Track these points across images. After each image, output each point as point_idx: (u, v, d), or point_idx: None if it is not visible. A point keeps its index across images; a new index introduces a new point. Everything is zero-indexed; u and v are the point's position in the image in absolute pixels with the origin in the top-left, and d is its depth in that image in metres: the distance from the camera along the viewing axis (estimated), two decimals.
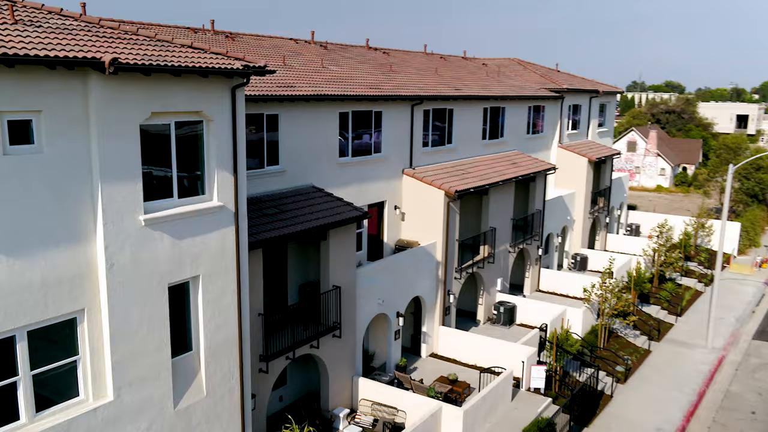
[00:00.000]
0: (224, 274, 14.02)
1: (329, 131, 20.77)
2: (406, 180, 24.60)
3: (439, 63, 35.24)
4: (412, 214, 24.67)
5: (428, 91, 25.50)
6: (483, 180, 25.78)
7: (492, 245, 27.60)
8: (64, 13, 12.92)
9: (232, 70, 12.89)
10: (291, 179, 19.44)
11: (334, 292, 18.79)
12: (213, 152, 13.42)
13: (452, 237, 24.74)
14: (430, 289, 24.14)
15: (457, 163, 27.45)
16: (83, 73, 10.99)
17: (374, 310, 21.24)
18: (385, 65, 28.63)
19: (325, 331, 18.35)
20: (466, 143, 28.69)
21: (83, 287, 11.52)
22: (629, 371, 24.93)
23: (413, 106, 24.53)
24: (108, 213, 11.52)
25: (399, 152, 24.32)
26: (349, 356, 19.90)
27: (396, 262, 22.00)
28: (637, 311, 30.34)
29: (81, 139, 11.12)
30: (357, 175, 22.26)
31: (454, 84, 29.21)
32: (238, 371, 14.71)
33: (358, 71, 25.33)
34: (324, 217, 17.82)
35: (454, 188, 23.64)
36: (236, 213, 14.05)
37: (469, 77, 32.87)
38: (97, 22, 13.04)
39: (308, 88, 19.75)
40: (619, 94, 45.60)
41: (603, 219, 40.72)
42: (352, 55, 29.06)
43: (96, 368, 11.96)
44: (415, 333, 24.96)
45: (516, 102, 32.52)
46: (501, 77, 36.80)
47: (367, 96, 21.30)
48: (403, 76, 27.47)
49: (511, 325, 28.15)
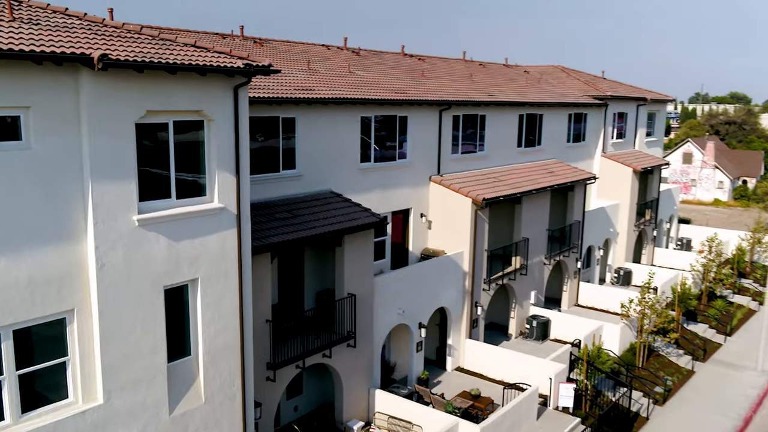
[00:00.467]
0: (225, 277, 13.67)
1: (350, 136, 20.34)
2: (433, 187, 23.93)
3: (476, 70, 34.49)
4: (438, 222, 23.96)
5: (458, 96, 24.82)
6: (514, 188, 24.86)
7: (525, 256, 26.58)
8: (69, 12, 12.90)
9: (232, 69, 12.59)
10: (308, 184, 19.07)
11: (349, 301, 18.26)
12: (214, 153, 13.13)
13: (480, 247, 23.89)
14: (455, 300, 23.33)
15: (489, 171, 26.60)
16: (74, 69, 10.86)
17: (394, 321, 20.60)
18: (417, 71, 28.10)
19: (338, 341, 17.82)
20: (500, 151, 27.82)
21: (73, 287, 11.33)
22: (669, 392, 23.46)
23: (441, 111, 23.89)
24: (99, 212, 11.32)
25: (426, 159, 23.69)
26: (365, 367, 19.30)
27: (418, 271, 21.33)
28: (682, 329, 28.67)
29: (72, 136, 10.97)
30: (380, 182, 21.73)
31: (489, 90, 28.41)
32: (239, 378, 14.32)
33: (387, 76, 24.88)
34: (337, 223, 17.35)
35: (481, 196, 22.83)
36: (238, 215, 13.71)
37: (505, 84, 32.00)
38: (101, 22, 12.99)
39: (327, 91, 19.40)
40: (671, 102, 43.74)
41: (650, 232, 38.93)
42: (384, 61, 28.66)
43: (86, 370, 11.74)
44: (440, 345, 24.16)
45: (555, 109, 31.44)
46: (542, 84, 35.75)
47: (389, 100, 20.80)
48: (435, 81, 26.87)
49: (545, 340, 26.99)
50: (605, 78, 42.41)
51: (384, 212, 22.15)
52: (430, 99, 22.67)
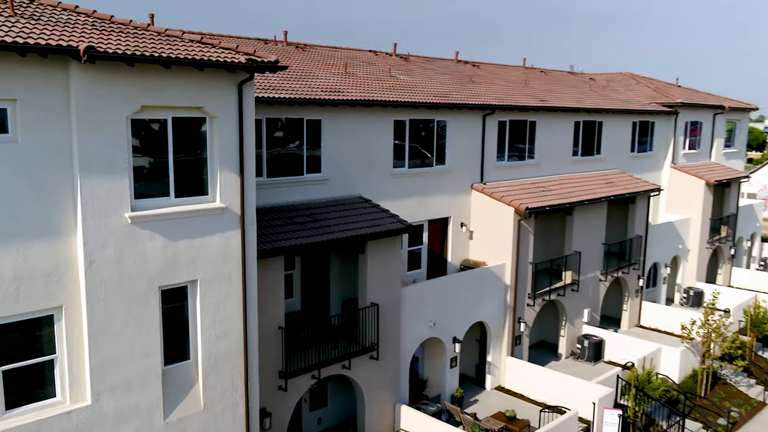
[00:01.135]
0: (227, 280, 13.21)
1: (382, 140, 19.64)
2: (475, 195, 22.83)
3: (534, 76, 33.10)
4: (480, 232, 22.82)
5: (503, 100, 23.67)
6: (563, 198, 23.39)
7: (576, 271, 24.95)
8: (78, 10, 12.90)
9: (232, 64, 12.18)
10: (334, 188, 18.48)
11: (372, 310, 17.47)
12: (217, 151, 12.75)
13: (524, 259, 22.54)
14: (496, 315, 22.07)
15: (539, 180, 25.21)
16: (63, 62, 10.72)
17: (424, 334, 19.61)
18: (465, 76, 27.14)
19: (357, 352, 17.05)
20: (552, 159, 26.36)
21: (62, 284, 11.15)
22: (734, 425, 21.23)
23: (485, 116, 22.82)
24: (88, 207, 11.11)
25: (467, 165, 22.65)
26: (390, 381, 18.40)
27: (452, 282, 20.27)
28: (755, 356, 26.09)
29: (62, 129, 10.82)
30: (415, 188, 20.88)
31: (543, 96, 27.04)
32: (242, 386, 13.79)
33: (430, 81, 24.07)
34: (358, 228, 16.64)
35: (525, 205, 21.55)
36: (242, 216, 13.25)
37: (563, 90, 30.46)
38: (108, 19, 12.91)
39: (357, 94, 18.80)
40: (754, 110, 40.51)
41: (726, 250, 35.99)
42: (434, 67, 27.86)
43: (74, 370, 11.52)
44: (480, 362, 22.91)
45: (617, 116, 29.61)
46: (606, 91, 33.88)
47: (424, 103, 19.98)
48: (483, 87, 25.81)
49: (597, 361, 25.17)
50: (679, 85, 39.82)
51: (419, 220, 21.27)
52: (471, 103, 21.66)
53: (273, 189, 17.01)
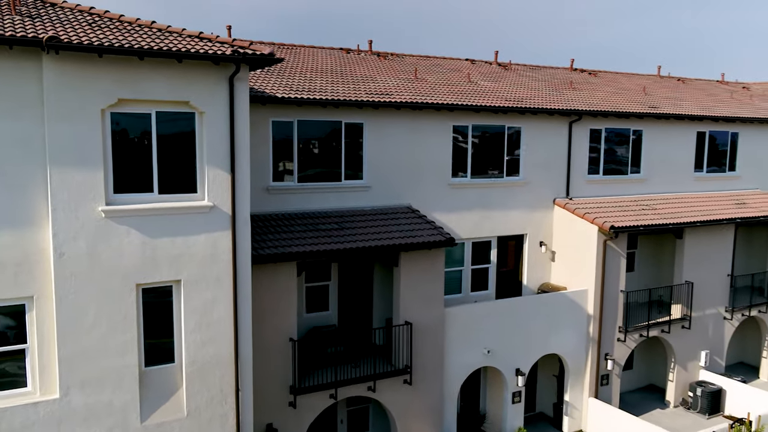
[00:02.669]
0: (216, 283, 12.63)
1: (438, 147, 18.17)
2: (558, 211, 20.36)
3: (664, 84, 29.35)
4: (563, 253, 20.26)
5: (597, 106, 20.97)
6: (667, 219, 20.06)
7: (687, 305, 21.24)
8: (93, 11, 13.20)
9: (216, 56, 11.68)
10: (378, 197, 17.33)
11: (405, 329, 15.97)
12: (205, 148, 12.31)
13: (613, 286, 19.56)
14: (575, 349, 19.32)
15: (643, 198, 21.97)
16: (35, 55, 10.88)
17: (476, 362, 17.60)
18: (565, 83, 24.63)
19: (385, 374, 15.63)
20: (665, 174, 22.90)
21: (33, 274, 11.23)
22: None
23: (571, 123, 20.35)
24: (58, 199, 11.12)
25: (548, 177, 20.29)
26: (429, 410, 16.66)
27: (514, 306, 18.06)
28: None
29: (35, 120, 10.95)
30: (479, 200, 19.03)
31: (660, 103, 23.69)
32: (233, 396, 13.06)
33: (517, 87, 22.06)
34: (387, 239, 15.32)
35: (609, 223, 18.73)
36: (233, 217, 12.62)
37: (692, 98, 26.57)
38: (118, 18, 13.08)
39: (407, 96, 17.58)
40: None
41: None
42: (535, 74, 25.68)
43: (44, 361, 11.52)
44: (558, 401, 20.18)
45: (759, 126, 25.16)
46: (754, 100, 29.08)
47: (488, 107, 18.18)
48: (582, 93, 23.20)
49: (714, 414, 21.11)
50: None
51: (485, 236, 19.33)
52: (549, 108, 19.40)
53: (303, 195, 16.31)
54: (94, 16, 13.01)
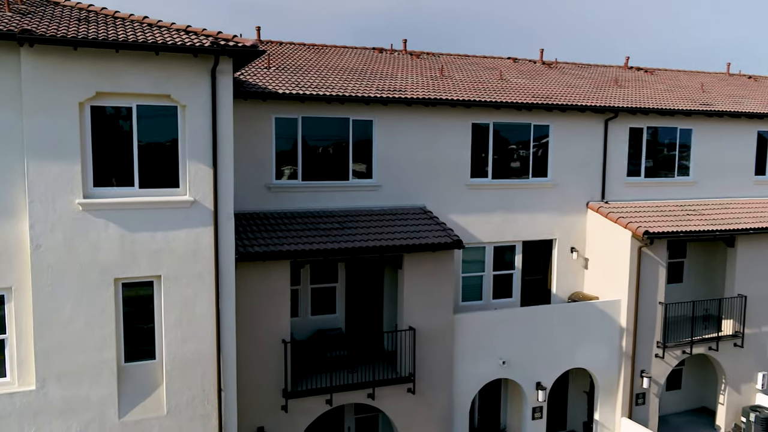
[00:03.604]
0: (198, 279, 12.41)
1: (455, 145, 17.36)
2: (591, 216, 19.01)
3: (730, 82, 27.11)
4: (597, 260, 18.89)
5: (637, 103, 19.47)
6: (715, 225, 18.31)
7: (740, 321, 19.30)
8: (91, 8, 13.37)
9: (193, 47, 11.49)
10: (388, 197, 16.71)
11: (408, 335, 15.23)
12: (187, 142, 12.14)
13: (650, 297, 18.02)
14: (606, 364, 17.91)
15: (691, 202, 20.21)
16: (14, 48, 11.03)
17: (491, 373, 16.59)
18: (611, 80, 23.12)
19: (386, 381, 14.94)
20: (720, 178, 21.02)
21: (11, 264, 11.36)
22: None
23: (606, 121, 18.99)
24: (35, 191, 11.21)
25: (581, 179, 19.01)
26: (435, 421, 15.81)
27: (534, 315, 16.93)
28: None
29: (12, 113, 11.09)
30: (501, 203, 18.03)
31: (716, 101, 21.81)
32: (215, 396, 12.78)
33: (555, 84, 20.86)
34: (387, 240, 14.67)
35: (644, 229, 17.26)
36: (215, 212, 12.37)
37: (757, 95, 24.35)
38: (112, 14, 13.18)
39: (421, 93, 16.89)
40: None
41: None
42: (580, 72, 24.29)
43: (22, 352, 11.62)
44: (588, 420, 18.77)
45: None
46: None
47: (509, 103, 17.21)
48: (627, 90, 21.66)
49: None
50: None
51: (507, 240, 18.29)
52: (577, 104, 18.15)
53: (308, 194, 15.92)
54: (91, 13, 13.19)
